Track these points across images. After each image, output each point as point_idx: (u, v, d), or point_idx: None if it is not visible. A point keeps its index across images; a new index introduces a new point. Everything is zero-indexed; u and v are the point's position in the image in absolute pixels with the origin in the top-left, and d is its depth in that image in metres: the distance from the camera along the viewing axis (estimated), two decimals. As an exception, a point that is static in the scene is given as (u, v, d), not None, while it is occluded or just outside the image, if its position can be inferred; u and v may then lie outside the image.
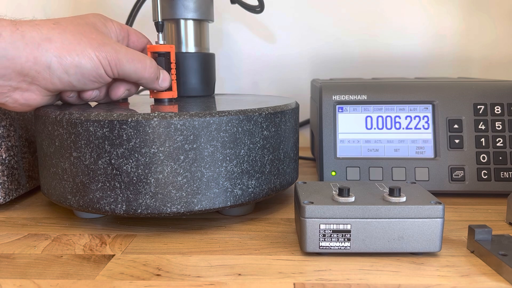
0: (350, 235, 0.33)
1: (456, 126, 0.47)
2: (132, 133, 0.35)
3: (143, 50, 0.46)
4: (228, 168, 0.37)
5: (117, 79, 0.43)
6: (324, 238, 0.32)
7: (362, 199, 0.33)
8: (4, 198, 0.44)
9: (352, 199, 0.33)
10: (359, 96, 0.49)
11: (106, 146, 0.35)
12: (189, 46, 0.52)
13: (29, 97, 0.38)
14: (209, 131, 0.36)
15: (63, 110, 0.38)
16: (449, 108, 0.48)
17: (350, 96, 0.49)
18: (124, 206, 0.36)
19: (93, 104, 0.44)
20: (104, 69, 0.38)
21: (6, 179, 0.44)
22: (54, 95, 0.40)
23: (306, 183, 0.38)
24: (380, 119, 0.49)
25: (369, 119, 0.49)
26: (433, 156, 0.47)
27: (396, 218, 0.32)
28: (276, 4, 0.75)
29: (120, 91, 0.42)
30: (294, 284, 0.30)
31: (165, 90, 0.45)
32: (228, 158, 0.37)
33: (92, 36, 0.38)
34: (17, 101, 0.38)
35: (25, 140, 0.47)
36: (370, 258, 0.33)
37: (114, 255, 0.34)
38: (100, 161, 0.36)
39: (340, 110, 0.49)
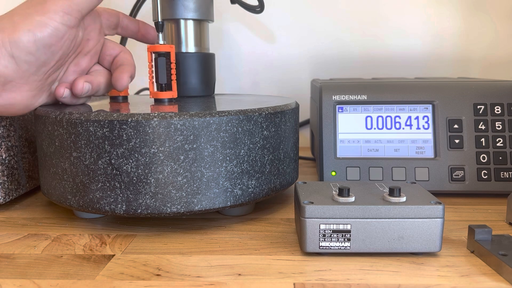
0: (350, 235, 0.33)
1: (456, 126, 0.47)
2: (132, 133, 0.35)
3: (118, 23, 0.45)
4: (228, 168, 0.37)
5: (114, 69, 0.42)
6: (324, 238, 0.32)
7: (362, 199, 0.33)
8: (4, 198, 0.44)
9: (352, 199, 0.33)
10: (359, 96, 0.49)
11: (106, 146, 0.35)
12: (189, 46, 0.52)
13: (9, 97, 0.37)
14: (209, 131, 0.36)
15: (63, 110, 0.38)
16: (449, 108, 0.48)
17: (350, 96, 0.49)
18: (124, 206, 0.36)
19: (94, 104, 0.44)
20: (63, 24, 0.36)
21: (6, 179, 0.44)
22: (38, 92, 0.39)
23: (306, 183, 0.38)
24: (380, 119, 0.49)
25: (369, 119, 0.49)
26: (433, 156, 0.48)
27: (396, 218, 0.32)
28: (276, 4, 0.75)
29: (124, 79, 0.41)
30: (294, 284, 0.30)
31: (165, 90, 0.45)
32: (228, 158, 0.37)
33: (36, 2, 0.36)
34: None
35: (25, 140, 0.47)
36: (370, 258, 0.33)
37: (114, 255, 0.34)
38: (100, 161, 0.36)
39: (340, 110, 0.49)
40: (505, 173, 0.46)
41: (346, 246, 0.33)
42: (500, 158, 0.47)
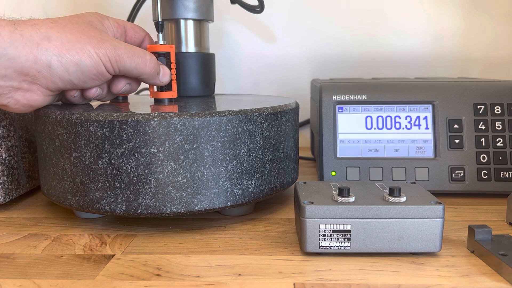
0: (350, 235, 0.33)
1: (456, 126, 0.47)
2: (132, 133, 0.35)
3: (142, 43, 0.46)
4: (228, 168, 0.37)
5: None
6: (324, 238, 0.32)
7: (362, 199, 0.33)
8: (4, 198, 0.44)
9: (352, 199, 0.33)
10: (359, 96, 0.49)
11: (106, 146, 0.35)
12: (189, 46, 0.52)
13: (31, 98, 0.38)
14: (209, 131, 0.36)
15: (63, 110, 0.38)
16: (449, 108, 0.48)
17: (350, 96, 0.49)
18: (124, 206, 0.36)
19: (95, 104, 0.44)
20: (104, 66, 0.38)
21: (6, 179, 0.44)
22: (55, 95, 0.40)
23: (306, 183, 0.38)
24: (380, 119, 0.49)
25: (369, 119, 0.49)
26: (433, 156, 0.47)
27: (396, 218, 0.32)
28: (276, 4, 0.75)
29: (121, 84, 0.42)
30: (294, 284, 0.30)
31: (165, 90, 0.45)
32: (228, 158, 0.37)
33: (90, 33, 0.38)
34: (19, 102, 0.38)
35: (25, 140, 0.47)
36: (370, 258, 0.33)
37: (114, 255, 0.34)
38: (100, 161, 0.36)
39: (340, 110, 0.49)
40: (505, 173, 0.46)
41: (346, 246, 0.33)
42: (500, 158, 0.47)
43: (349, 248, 0.33)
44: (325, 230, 0.32)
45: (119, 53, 0.38)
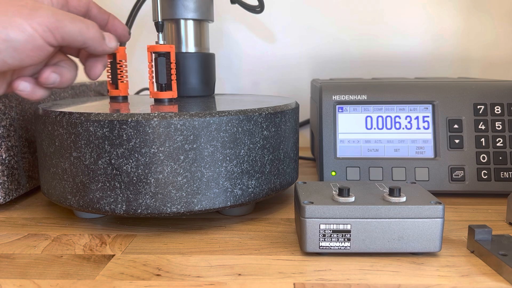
0: (350, 235, 0.33)
1: (456, 126, 0.47)
2: (132, 133, 0.35)
3: (88, 12, 0.41)
4: (228, 168, 0.37)
5: (91, 56, 0.39)
6: (324, 238, 0.32)
7: (362, 199, 0.33)
8: (4, 198, 0.44)
9: (352, 199, 0.33)
10: (359, 96, 0.49)
11: (106, 146, 0.35)
12: (189, 46, 0.52)
13: None
14: (209, 131, 0.36)
15: (63, 110, 0.38)
16: (449, 108, 0.48)
17: (350, 96, 0.49)
18: (124, 206, 0.36)
19: (95, 104, 0.44)
20: (43, 39, 0.33)
21: (6, 179, 0.44)
22: None
23: (306, 183, 0.38)
24: (380, 119, 0.49)
25: (369, 119, 0.49)
26: (433, 156, 0.48)
27: (396, 218, 0.32)
28: (276, 4, 0.75)
29: (98, 68, 0.39)
30: (294, 284, 0.30)
31: (165, 90, 0.45)
32: (228, 158, 0.37)
33: (21, 3, 0.33)
34: None
35: (25, 140, 0.47)
36: (370, 258, 0.33)
37: (114, 255, 0.34)
38: (100, 161, 0.36)
39: (340, 110, 0.49)
40: (505, 173, 0.46)
41: (346, 246, 0.33)
42: (500, 158, 0.47)
43: (349, 248, 0.33)
44: (325, 230, 0.32)
45: (59, 18, 0.33)
